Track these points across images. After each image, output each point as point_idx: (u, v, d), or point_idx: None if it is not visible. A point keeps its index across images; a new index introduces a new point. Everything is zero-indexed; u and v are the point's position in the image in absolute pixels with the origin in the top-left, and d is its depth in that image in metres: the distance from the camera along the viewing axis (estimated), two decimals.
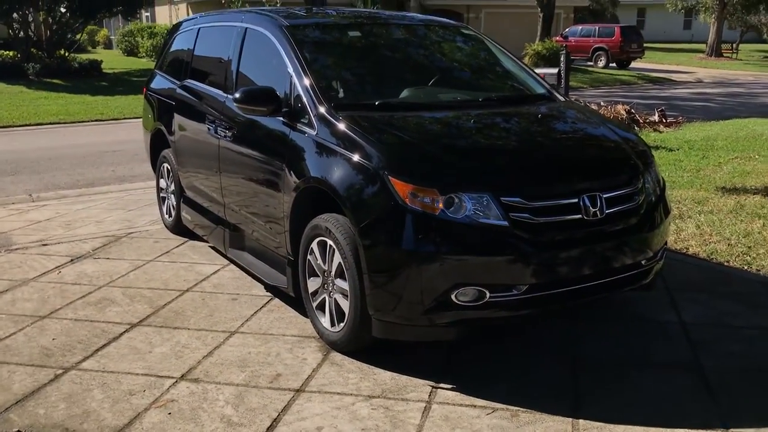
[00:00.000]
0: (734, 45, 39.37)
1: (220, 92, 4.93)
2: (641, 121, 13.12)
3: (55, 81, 21.22)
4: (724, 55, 38.05)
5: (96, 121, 15.07)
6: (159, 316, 4.35)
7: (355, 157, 3.55)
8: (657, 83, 25.66)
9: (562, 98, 4.66)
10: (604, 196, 3.52)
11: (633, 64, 31.37)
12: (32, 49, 23.70)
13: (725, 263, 5.19)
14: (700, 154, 9.69)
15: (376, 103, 4.03)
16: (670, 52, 40.76)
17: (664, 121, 13.46)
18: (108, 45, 43.55)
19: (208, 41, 5.47)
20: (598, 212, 3.48)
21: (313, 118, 3.90)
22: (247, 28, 4.79)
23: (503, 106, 4.36)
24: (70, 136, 13.05)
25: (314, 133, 3.87)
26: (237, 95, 4.15)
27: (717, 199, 6.91)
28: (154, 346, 3.93)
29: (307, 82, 4.04)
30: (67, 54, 24.29)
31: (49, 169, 9.79)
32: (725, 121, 14.03)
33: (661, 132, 12.52)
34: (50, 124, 14.55)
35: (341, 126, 3.75)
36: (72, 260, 5.46)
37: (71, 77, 21.94)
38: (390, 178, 3.37)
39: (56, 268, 5.29)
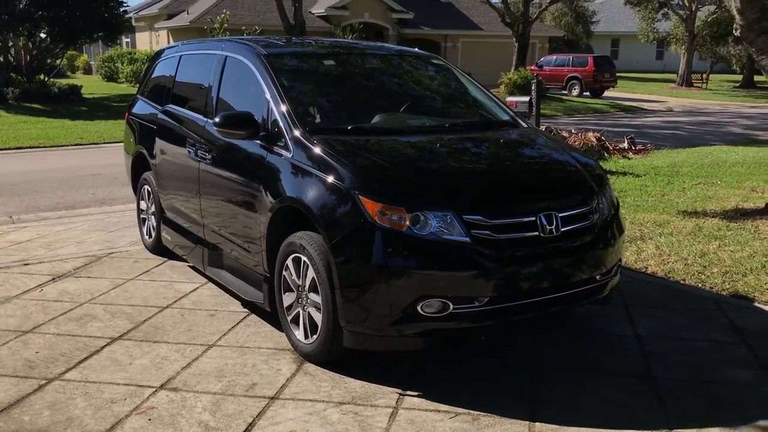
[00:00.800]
0: (704, 75, 40.43)
1: (200, 117, 5.15)
2: (611, 147, 13.50)
3: (34, 105, 21.30)
4: (695, 84, 39.06)
5: (76, 145, 15.19)
6: (139, 330, 4.52)
7: (329, 178, 3.78)
8: (629, 112, 26.31)
9: (525, 125, 4.94)
10: (560, 214, 3.79)
11: (606, 93, 32.11)
12: (11, 74, 23.77)
13: (681, 281, 5.47)
14: (665, 180, 10.06)
15: (349, 127, 4.27)
16: (643, 82, 41.74)
17: (633, 148, 13.86)
18: (87, 70, 43.67)
19: (189, 68, 5.70)
20: (554, 230, 3.74)
21: (288, 142, 4.13)
22: (227, 56, 5.03)
23: (469, 131, 4.63)
24: (50, 160, 13.16)
25: (290, 155, 4.10)
26: (217, 119, 4.38)
27: (678, 221, 7.22)
28: (134, 358, 4.09)
29: (283, 107, 4.28)
30: (46, 79, 24.40)
31: (30, 191, 9.90)
32: (692, 149, 14.52)
33: (629, 158, 12.91)
34: (30, 147, 14.66)
35: (315, 149, 3.98)
36: (53, 279, 5.61)
37: (51, 102, 22.04)
38: (360, 197, 3.61)
39: (38, 286, 5.43)
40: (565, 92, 31.65)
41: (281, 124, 4.24)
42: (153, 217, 6.18)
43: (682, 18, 38.68)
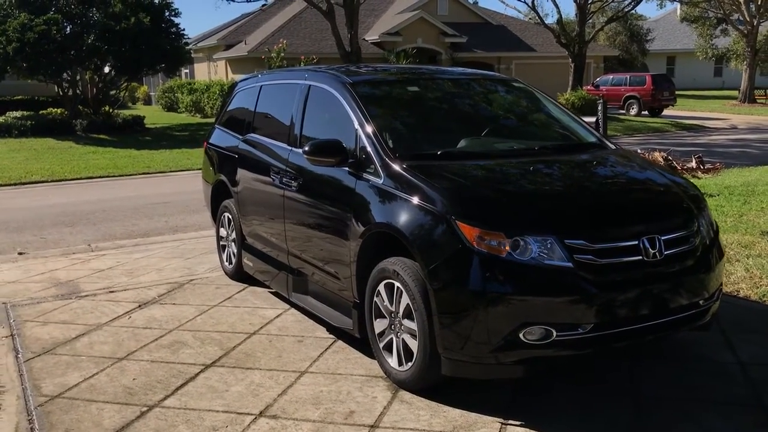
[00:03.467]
0: (767, 91, 39.34)
1: (284, 145, 5.21)
2: (679, 167, 13.20)
3: (101, 136, 22.04)
4: (758, 101, 38.02)
5: (143, 174, 15.61)
6: (230, 357, 4.56)
7: (422, 203, 3.77)
8: (691, 130, 25.73)
9: (612, 146, 4.86)
10: (663, 238, 3.69)
11: (665, 112, 31.50)
12: (79, 106, 24.69)
13: None
14: (741, 200, 9.75)
15: (438, 152, 4.26)
16: (702, 99, 40.85)
17: (702, 167, 13.52)
18: (147, 101, 45.02)
19: (270, 98, 5.80)
20: (657, 254, 3.64)
21: (378, 168, 4.14)
22: (310, 85, 5.10)
23: (558, 154, 4.58)
24: (120, 189, 13.55)
25: (380, 181, 4.10)
26: (306, 147, 4.43)
27: (763, 243, 6.97)
28: (229, 385, 4.12)
29: (371, 134, 4.30)
30: (111, 110, 25.24)
31: (104, 220, 10.19)
32: (765, 167, 14.06)
33: (699, 178, 12.58)
34: (100, 177, 15.12)
35: (407, 174, 3.98)
36: (140, 306, 5.72)
37: (116, 132, 22.78)
38: (457, 222, 3.58)
39: (126, 313, 5.55)
40: (623, 112, 31.18)
41: (370, 150, 4.26)
42: (233, 243, 6.27)
43: (743, 33, 37.79)
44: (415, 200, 3.82)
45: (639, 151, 13.68)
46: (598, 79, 34.66)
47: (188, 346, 4.79)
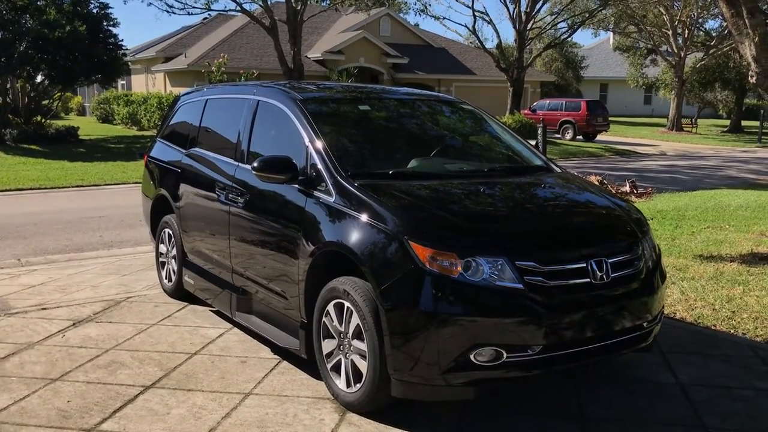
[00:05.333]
0: (693, 119, 41.05)
1: (230, 160, 5.11)
2: (613, 191, 13.59)
3: (32, 147, 21.26)
4: (684, 129, 39.60)
5: (77, 186, 15.10)
6: (171, 378, 4.40)
7: (375, 223, 3.74)
8: (623, 155, 26.56)
9: (558, 169, 4.95)
10: (610, 261, 3.76)
11: (599, 137, 32.47)
12: (8, 115, 23.77)
13: (712, 327, 5.43)
14: (673, 224, 10.09)
15: (390, 171, 4.24)
16: (633, 126, 42.30)
17: (635, 191, 13.96)
18: (81, 112, 43.75)
19: (216, 112, 5.68)
20: (604, 276, 3.70)
21: (330, 186, 4.10)
22: (259, 100, 5.02)
23: (507, 176, 4.63)
24: (52, 202, 13.06)
25: (331, 200, 4.06)
26: (255, 164, 4.34)
27: (696, 266, 7.21)
28: (171, 407, 3.98)
29: (323, 151, 4.26)
30: (43, 120, 24.41)
31: (35, 234, 9.78)
32: (694, 192, 14.62)
33: (632, 202, 12.98)
34: (31, 189, 14.55)
35: (359, 193, 3.95)
36: (74, 324, 5.49)
37: (48, 143, 22.01)
38: (410, 242, 3.56)
39: (59, 331, 5.31)
40: (559, 136, 31.98)
41: (321, 168, 4.21)
42: (173, 260, 6.09)
43: (671, 64, 39.39)
44: (368, 219, 3.79)
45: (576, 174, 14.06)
46: (535, 103, 35.51)
47: (126, 366, 4.60)
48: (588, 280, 3.66)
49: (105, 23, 23.99)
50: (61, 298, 6.28)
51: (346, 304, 3.83)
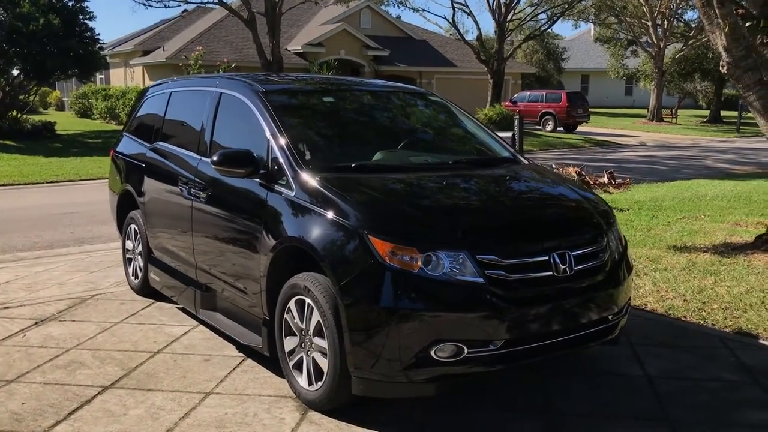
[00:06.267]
0: (673, 110, 41.25)
1: (193, 154, 5.01)
2: (591, 182, 13.60)
3: (7, 142, 20.94)
4: (665, 119, 39.79)
5: (51, 182, 14.90)
6: (131, 378, 4.31)
7: (335, 217, 3.66)
8: (603, 146, 26.63)
9: (525, 161, 4.89)
10: (573, 253, 3.70)
11: (579, 128, 32.53)
12: None
13: (683, 318, 5.41)
14: (649, 214, 10.09)
15: (353, 165, 4.16)
16: (614, 117, 42.46)
17: (613, 182, 13.97)
18: (60, 106, 43.23)
19: (180, 105, 5.57)
20: (567, 269, 3.64)
21: (291, 180, 4.01)
22: (222, 92, 4.91)
23: (472, 168, 4.56)
24: (25, 198, 12.86)
25: (292, 194, 3.97)
26: (215, 158, 4.24)
27: (670, 257, 7.20)
28: (128, 408, 3.88)
29: (284, 145, 4.16)
30: (19, 115, 24.05)
31: (5, 230, 9.61)
32: (671, 183, 14.66)
33: (611, 193, 12.99)
34: (3, 185, 14.32)
35: (320, 187, 3.86)
36: (36, 323, 5.37)
37: (24, 139, 21.69)
38: (370, 236, 3.49)
39: (20, 331, 5.19)
40: (539, 127, 32.01)
41: (282, 162, 4.12)
42: (140, 257, 5.98)
43: (651, 55, 39.54)
44: (327, 214, 3.71)
45: (554, 166, 14.05)
46: (515, 95, 35.52)
47: (86, 366, 4.50)
48: (551, 273, 3.60)
49: (81, 16, 23.65)
50: (26, 297, 6.14)
51: (307, 300, 3.76)
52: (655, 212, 10.34)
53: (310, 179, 3.93)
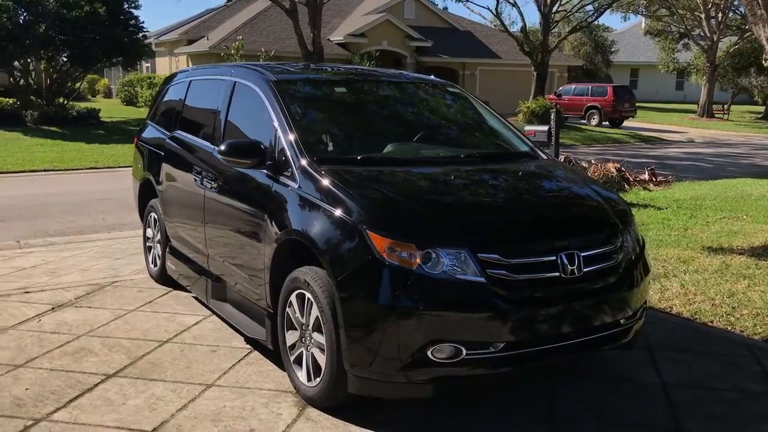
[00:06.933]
0: (726, 106, 40.02)
1: (208, 144, 4.97)
2: (631, 179, 13.24)
3: (52, 128, 21.40)
4: (716, 115, 38.64)
5: (90, 168, 15.16)
6: (136, 367, 4.30)
7: (335, 211, 3.57)
8: (649, 142, 25.99)
9: (544, 156, 4.72)
10: (582, 254, 3.53)
11: (625, 123, 31.81)
12: (32, 97, 23.97)
13: (709, 323, 5.18)
14: (688, 213, 9.76)
15: (359, 157, 4.06)
16: (663, 112, 41.38)
17: (654, 179, 13.58)
18: (108, 94, 44.10)
19: (198, 94, 5.55)
20: (575, 270, 3.48)
21: (295, 172, 3.93)
22: (236, 81, 4.86)
23: (485, 163, 4.41)
24: (63, 183, 13.11)
25: (296, 186, 3.89)
26: (222, 148, 4.19)
27: (703, 258, 6.92)
28: (128, 398, 3.87)
29: (291, 136, 4.09)
30: (66, 102, 24.56)
31: (40, 215, 9.79)
32: (715, 181, 14.18)
33: (650, 191, 12.63)
34: (44, 171, 14.62)
35: (323, 180, 3.78)
36: (53, 308, 5.42)
37: (69, 125, 22.13)
38: (368, 232, 3.39)
39: (36, 316, 5.24)
40: (584, 122, 31.41)
41: (288, 153, 4.04)
42: (159, 245, 6.00)
43: (703, 48, 38.39)
44: (328, 207, 3.62)
45: (593, 161, 13.70)
46: (560, 88, 34.90)
47: (94, 353, 4.51)
48: (557, 274, 3.44)
49: (126, 5, 23.99)
50: (47, 282, 6.22)
51: (307, 295, 3.68)
52: (695, 211, 9.99)
53: (314, 171, 3.85)
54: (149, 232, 6.28)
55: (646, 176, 13.67)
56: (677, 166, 17.22)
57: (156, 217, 6.00)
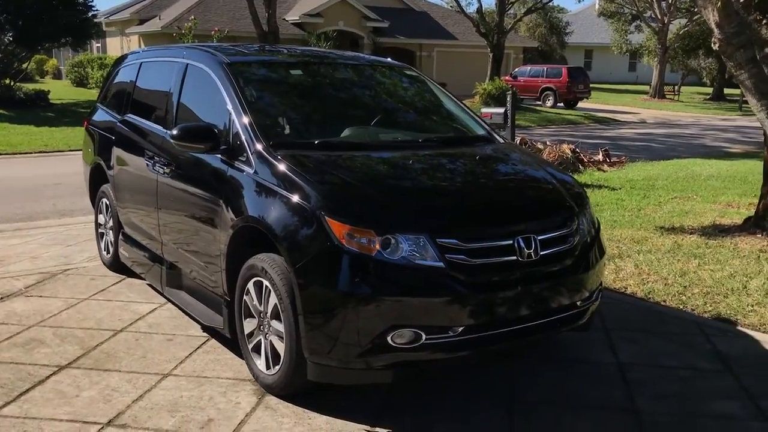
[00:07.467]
0: (676, 87, 40.80)
1: (160, 128, 4.86)
2: (585, 160, 13.42)
3: None
4: (667, 96, 39.38)
5: (40, 152, 14.72)
6: (90, 357, 4.20)
7: (292, 197, 3.52)
8: (602, 123, 26.37)
9: (501, 140, 4.73)
10: (539, 237, 3.56)
11: (580, 104, 32.22)
12: None
13: (662, 303, 5.29)
14: (641, 194, 9.94)
15: (316, 142, 4.01)
16: (616, 93, 42.01)
17: (608, 160, 13.79)
18: (57, 75, 42.78)
19: (149, 76, 5.41)
20: (532, 254, 3.50)
21: (251, 156, 3.86)
22: (188, 64, 4.75)
23: (443, 147, 4.40)
24: (11, 168, 12.71)
25: (252, 171, 3.83)
26: (174, 132, 4.09)
27: (656, 238, 7.06)
28: (81, 389, 3.78)
29: (245, 119, 4.01)
30: (12, 83, 23.75)
31: None
32: (666, 161, 14.47)
33: (604, 171, 12.82)
34: None
35: (279, 165, 3.72)
36: (2, 298, 5.26)
37: (16, 107, 21.42)
38: (326, 218, 3.35)
39: None
40: (540, 103, 31.70)
41: (243, 137, 3.97)
42: (111, 231, 5.86)
43: (655, 30, 39.01)
44: (285, 193, 3.57)
45: (548, 142, 13.85)
46: (516, 69, 35.12)
47: (45, 344, 4.39)
48: (515, 257, 3.46)
49: None
50: None
51: (265, 282, 3.63)
52: (647, 192, 10.18)
53: (270, 156, 3.78)
54: (101, 219, 6.13)
55: (600, 157, 13.87)
56: (630, 147, 17.51)
57: (108, 202, 5.86)
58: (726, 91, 41.79)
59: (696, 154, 16.31)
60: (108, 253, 5.99)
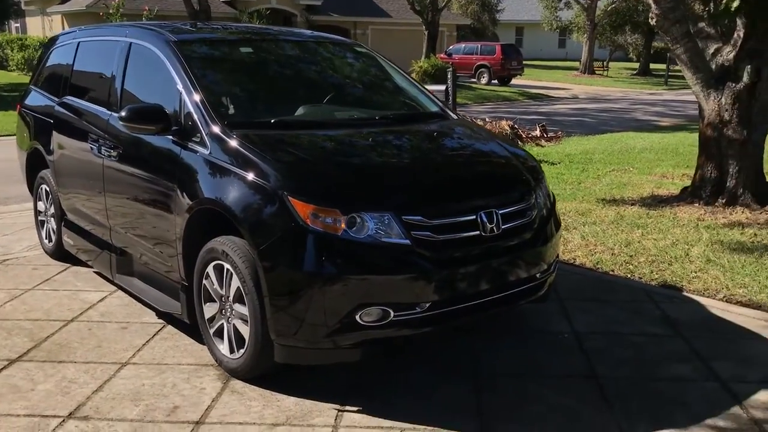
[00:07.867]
0: (605, 63, 41.81)
1: (103, 110, 4.68)
2: (524, 135, 13.59)
3: None
4: (596, 72, 40.32)
5: None
6: (41, 349, 4.05)
7: (252, 177, 3.45)
8: (537, 99, 26.83)
9: (454, 116, 4.75)
10: (500, 212, 3.60)
11: (514, 81, 32.66)
12: None
13: (611, 272, 5.44)
14: (580, 168, 10.19)
15: (272, 120, 3.94)
16: (547, 70, 42.78)
17: (545, 135, 14.01)
18: None
19: (89, 56, 5.19)
20: (494, 228, 3.54)
21: (205, 137, 3.77)
22: (131, 42, 4.58)
23: (400, 124, 4.39)
24: None
25: (207, 152, 3.73)
26: (122, 113, 3.94)
27: (599, 210, 7.25)
28: (36, 383, 3.64)
29: (198, 99, 3.90)
30: None
31: None
32: (601, 135, 14.86)
33: (542, 146, 13.04)
34: None
35: (236, 145, 3.64)
36: None
37: None
38: (290, 198, 3.30)
39: None
40: (474, 80, 31.98)
41: (196, 117, 3.86)
42: (53, 219, 5.64)
43: (584, 7, 39.80)
44: (244, 174, 3.49)
45: (487, 119, 13.98)
46: (450, 47, 35.30)
47: None
48: (478, 232, 3.50)
49: None
50: None
51: (226, 265, 3.56)
52: (586, 165, 10.44)
53: (226, 136, 3.70)
54: (41, 206, 5.89)
55: (537, 132, 14.08)
56: (565, 122, 17.88)
57: (48, 189, 5.63)
58: (652, 66, 43.06)
59: (628, 128, 16.78)
60: (50, 241, 5.77)
